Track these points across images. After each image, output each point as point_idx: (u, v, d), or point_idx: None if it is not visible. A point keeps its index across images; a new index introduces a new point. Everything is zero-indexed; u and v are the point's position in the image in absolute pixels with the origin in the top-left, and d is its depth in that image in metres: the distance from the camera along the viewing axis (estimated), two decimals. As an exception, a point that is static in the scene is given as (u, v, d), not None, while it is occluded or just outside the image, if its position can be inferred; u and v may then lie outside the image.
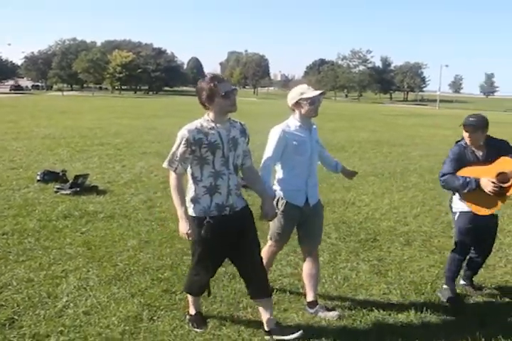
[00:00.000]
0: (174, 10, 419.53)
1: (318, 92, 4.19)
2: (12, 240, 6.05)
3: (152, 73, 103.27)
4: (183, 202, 3.63)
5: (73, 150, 14.21)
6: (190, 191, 3.72)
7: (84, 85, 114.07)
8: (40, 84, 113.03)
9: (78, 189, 8.70)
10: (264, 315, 3.90)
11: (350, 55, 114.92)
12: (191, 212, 3.69)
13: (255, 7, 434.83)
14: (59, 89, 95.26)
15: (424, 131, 26.56)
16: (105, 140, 16.70)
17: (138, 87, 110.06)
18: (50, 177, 9.58)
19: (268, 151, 4.20)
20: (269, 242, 4.47)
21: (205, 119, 3.69)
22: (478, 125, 4.58)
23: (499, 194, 4.47)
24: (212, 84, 3.55)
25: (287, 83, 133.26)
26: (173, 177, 3.67)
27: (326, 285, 4.97)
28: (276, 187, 4.30)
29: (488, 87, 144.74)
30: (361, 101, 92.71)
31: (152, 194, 8.85)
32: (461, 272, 5.09)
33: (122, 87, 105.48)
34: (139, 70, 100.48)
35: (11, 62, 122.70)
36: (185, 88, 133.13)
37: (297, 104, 4.20)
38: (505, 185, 4.44)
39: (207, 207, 3.66)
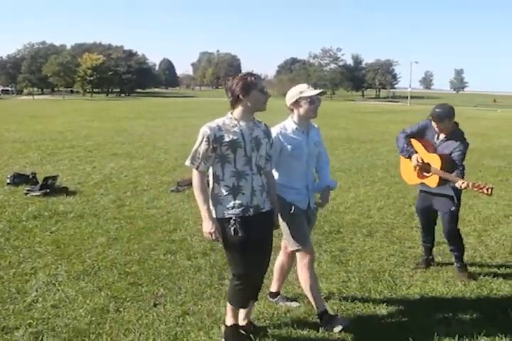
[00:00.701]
0: (143, 12, 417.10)
1: (318, 91, 4.08)
2: (-19, 241, 6.14)
3: (123, 75, 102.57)
4: (206, 201, 3.51)
5: (44, 153, 14.23)
6: (212, 191, 3.59)
7: (55, 89, 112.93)
8: (10, 88, 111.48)
9: (48, 190, 8.78)
10: (233, 316, 3.86)
11: (321, 54, 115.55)
12: (215, 213, 3.56)
13: (225, 6, 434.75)
14: (29, 94, 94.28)
15: (393, 127, 26.86)
16: (76, 142, 16.72)
17: (110, 90, 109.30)
18: (20, 179, 9.64)
19: None
20: (299, 254, 4.19)
21: (228, 117, 3.59)
22: (444, 115, 5.02)
23: (420, 174, 5.24)
24: (250, 78, 3.49)
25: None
26: (195, 175, 3.54)
27: (288, 276, 5.16)
28: (279, 191, 4.05)
29: (458, 82, 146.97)
30: (334, 99, 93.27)
31: (122, 193, 8.96)
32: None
33: (94, 90, 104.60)
34: (110, 73, 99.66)
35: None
36: (157, 90, 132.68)
37: (296, 103, 4.09)
38: (426, 173, 5.17)
39: (230, 208, 3.53)
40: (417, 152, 5.18)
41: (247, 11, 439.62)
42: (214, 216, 3.55)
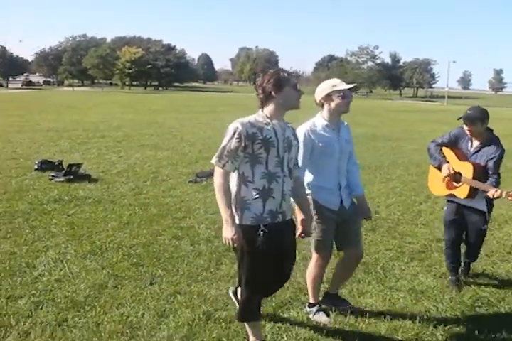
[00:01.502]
0: (186, 7, 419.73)
1: (351, 85, 3.93)
2: (3, 220, 6.58)
3: (161, 69, 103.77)
4: (229, 204, 3.22)
5: (74, 142, 14.74)
6: (237, 193, 3.31)
7: (95, 81, 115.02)
8: (51, 79, 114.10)
9: (72, 177, 9.20)
10: (254, 333, 3.63)
11: (358, 51, 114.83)
12: (239, 219, 3.29)
13: (265, 5, 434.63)
14: (70, 85, 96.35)
15: (425, 126, 26.82)
16: (106, 133, 17.22)
17: (148, 83, 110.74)
18: (47, 166, 10.11)
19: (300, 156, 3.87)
20: (314, 256, 4.17)
21: (260, 114, 3.36)
22: (476, 117, 4.69)
23: (449, 185, 4.88)
24: (283, 73, 3.33)
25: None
26: (219, 174, 3.26)
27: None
28: (307, 191, 3.92)
29: (497, 83, 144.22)
30: (370, 98, 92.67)
31: (141, 182, 9.32)
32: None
33: (132, 83, 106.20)
34: (149, 66, 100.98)
35: (22, 58, 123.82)
36: (195, 84, 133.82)
37: (328, 97, 3.91)
38: (456, 184, 4.82)
39: (259, 214, 3.27)
40: (448, 161, 4.85)
41: (286, 7, 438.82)
42: (238, 222, 3.26)
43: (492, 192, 4.40)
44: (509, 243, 6.56)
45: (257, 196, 3.27)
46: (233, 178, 3.32)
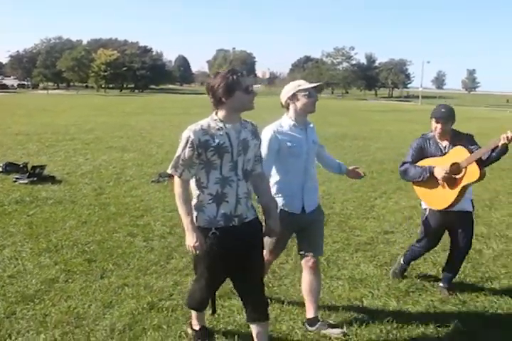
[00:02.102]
0: (162, 9, 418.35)
1: (316, 84, 3.93)
2: (-39, 222, 6.71)
3: (137, 71, 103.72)
4: (189, 212, 3.24)
5: (42, 145, 14.82)
6: (196, 197, 3.33)
7: (71, 84, 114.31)
8: (25, 83, 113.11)
9: (35, 178, 9.34)
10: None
11: (333, 52, 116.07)
12: (195, 221, 3.30)
13: (243, 4, 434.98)
14: (44, 88, 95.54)
15: (394, 126, 27.29)
16: (76, 136, 17.30)
17: (124, 85, 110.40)
18: (11, 168, 10.23)
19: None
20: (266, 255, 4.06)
21: (213, 119, 3.28)
22: (450, 116, 4.61)
23: (452, 185, 4.54)
24: (233, 77, 3.18)
25: (273, 80, 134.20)
26: (177, 183, 3.25)
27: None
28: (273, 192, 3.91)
29: (470, 82, 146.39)
30: (345, 98, 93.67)
31: (105, 183, 9.49)
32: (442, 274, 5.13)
33: (108, 86, 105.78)
34: (124, 68, 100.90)
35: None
36: (171, 86, 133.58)
37: (293, 96, 3.90)
38: (458, 176, 4.50)
39: (212, 217, 3.28)
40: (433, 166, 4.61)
41: (263, 9, 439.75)
42: (196, 224, 3.28)
43: (504, 136, 4.22)
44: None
45: (210, 201, 3.27)
46: (192, 183, 3.33)
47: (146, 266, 5.27)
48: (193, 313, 3.81)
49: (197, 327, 3.83)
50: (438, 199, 4.69)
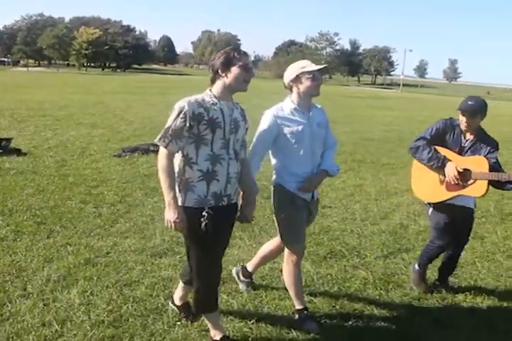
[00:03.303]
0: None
1: (321, 66, 3.70)
2: None
3: (120, 50, 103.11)
4: (172, 186, 3.13)
5: (14, 120, 15.03)
6: (180, 175, 3.22)
7: (52, 62, 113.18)
8: (5, 59, 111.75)
9: (1, 151, 9.68)
10: (215, 326, 3.51)
11: (317, 37, 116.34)
12: (182, 201, 3.20)
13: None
14: (25, 65, 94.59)
15: (368, 111, 27.78)
16: (49, 112, 17.50)
17: (106, 64, 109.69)
18: (-21, 141, 10.53)
19: (256, 141, 3.73)
20: (286, 252, 3.92)
21: (208, 94, 3.25)
22: (478, 109, 4.29)
23: (452, 187, 4.35)
24: (233, 53, 3.19)
25: (257, 63, 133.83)
26: (163, 154, 3.15)
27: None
28: (274, 178, 3.84)
29: (452, 72, 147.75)
30: (328, 84, 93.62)
31: (68, 156, 9.84)
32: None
33: (91, 64, 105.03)
34: (106, 47, 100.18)
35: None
36: (155, 66, 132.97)
37: (297, 79, 3.70)
38: (463, 183, 4.28)
39: (203, 196, 3.19)
40: (450, 160, 4.32)
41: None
42: (181, 203, 3.19)
43: None
44: (386, 210, 7.38)
45: (201, 178, 3.17)
46: (177, 160, 3.22)
47: (91, 229, 5.71)
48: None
49: (179, 303, 3.83)
50: (427, 190, 4.52)
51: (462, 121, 4.35)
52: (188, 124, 3.09)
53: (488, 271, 5.27)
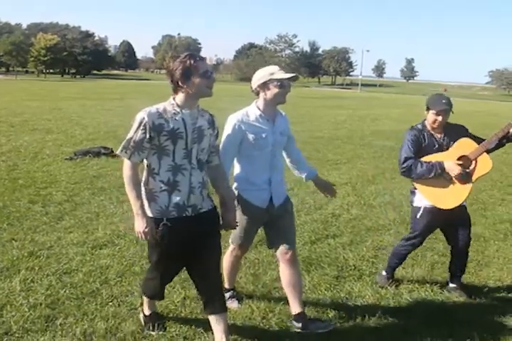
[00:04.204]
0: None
1: (290, 75, 3.68)
2: None
3: (79, 56, 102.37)
4: (138, 196, 3.16)
5: (-32, 127, 15.13)
6: (145, 185, 3.26)
7: (10, 69, 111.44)
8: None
9: (-47, 157, 9.88)
10: (218, 331, 3.43)
11: (276, 40, 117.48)
12: (146, 211, 3.22)
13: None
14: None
15: (322, 111, 28.53)
16: (4, 119, 17.51)
17: (65, 71, 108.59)
18: None
19: (223, 146, 3.69)
20: (231, 246, 4.08)
21: (170, 103, 3.22)
22: (450, 107, 4.34)
23: (464, 179, 4.31)
24: (190, 61, 3.11)
25: (218, 66, 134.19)
26: (127, 165, 3.17)
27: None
28: (235, 185, 3.82)
29: (409, 71, 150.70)
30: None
31: (21, 161, 10.04)
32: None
33: (50, 71, 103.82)
34: (65, 53, 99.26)
35: None
36: (116, 72, 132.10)
37: (264, 85, 3.67)
38: (469, 169, 4.27)
39: (164, 207, 3.20)
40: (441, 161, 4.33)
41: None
42: (148, 214, 3.22)
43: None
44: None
45: (162, 189, 3.18)
46: (144, 169, 3.25)
47: (37, 226, 6.02)
48: (145, 299, 3.79)
49: (147, 312, 3.81)
50: (448, 197, 4.37)
51: (436, 120, 4.36)
52: (148, 136, 3.09)
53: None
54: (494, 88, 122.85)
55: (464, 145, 4.29)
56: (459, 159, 4.28)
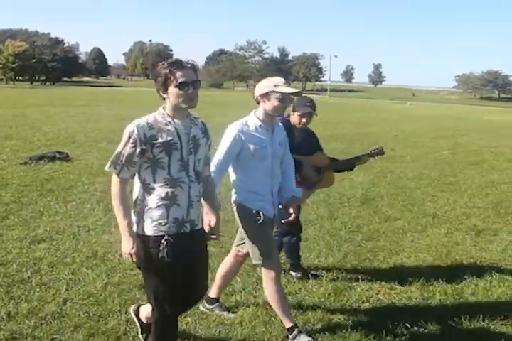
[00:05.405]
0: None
1: (293, 90, 3.70)
2: None
3: (48, 63, 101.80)
4: (126, 214, 2.97)
5: None
6: (140, 202, 3.05)
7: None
8: None
9: None
10: None
11: (246, 46, 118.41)
12: (141, 229, 3.01)
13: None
14: None
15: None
16: (-34, 126, 17.73)
17: (35, 78, 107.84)
18: None
19: (219, 155, 3.65)
20: (264, 268, 3.81)
21: (160, 113, 3.04)
22: (314, 109, 4.63)
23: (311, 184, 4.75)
24: (168, 70, 2.92)
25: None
26: (115, 182, 2.98)
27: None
28: (241, 198, 3.77)
29: (377, 76, 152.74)
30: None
31: (-26, 165, 10.36)
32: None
33: (18, 78, 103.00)
34: (34, 60, 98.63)
35: None
36: (87, 79, 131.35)
37: (266, 95, 3.67)
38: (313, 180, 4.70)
39: (163, 223, 2.99)
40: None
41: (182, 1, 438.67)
42: (140, 232, 3.02)
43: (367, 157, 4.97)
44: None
45: (159, 204, 2.99)
46: (136, 186, 3.08)
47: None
48: (144, 308, 3.54)
49: (145, 321, 3.56)
50: None
51: (302, 120, 4.65)
52: (139, 149, 2.91)
53: (326, 243, 6.24)
54: (461, 92, 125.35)
55: (318, 158, 4.85)
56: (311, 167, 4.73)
